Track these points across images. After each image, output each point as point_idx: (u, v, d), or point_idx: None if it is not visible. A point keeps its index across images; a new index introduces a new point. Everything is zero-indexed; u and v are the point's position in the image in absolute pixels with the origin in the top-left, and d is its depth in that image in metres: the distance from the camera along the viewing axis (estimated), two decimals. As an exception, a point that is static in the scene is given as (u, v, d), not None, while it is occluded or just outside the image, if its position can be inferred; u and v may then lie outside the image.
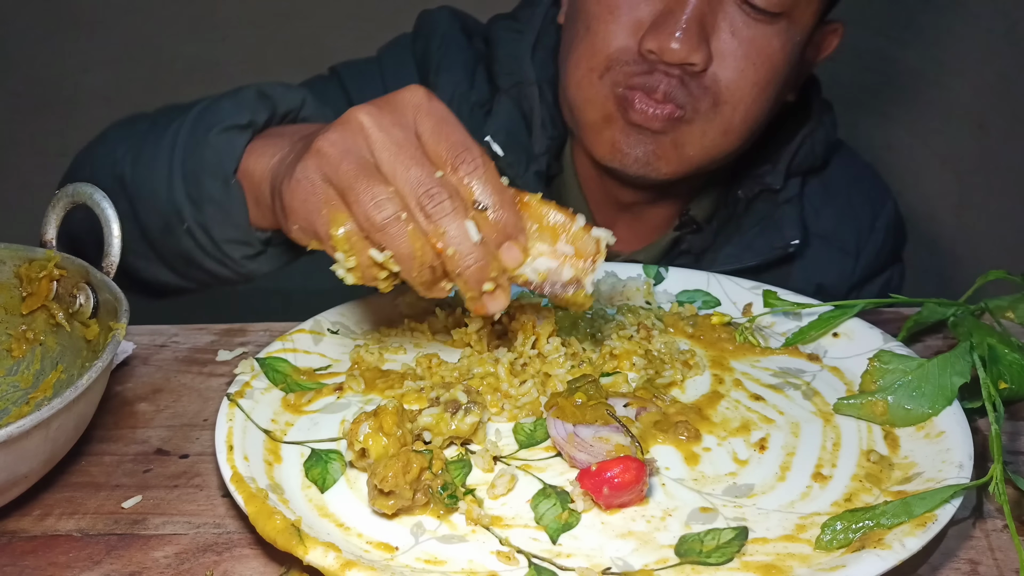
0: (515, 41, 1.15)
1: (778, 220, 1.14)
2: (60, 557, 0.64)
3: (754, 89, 1.00)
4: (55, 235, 0.81)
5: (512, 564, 0.61)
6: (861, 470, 0.70)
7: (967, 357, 0.75)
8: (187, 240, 0.90)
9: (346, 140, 0.69)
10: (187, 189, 0.88)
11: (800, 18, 1.00)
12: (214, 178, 0.85)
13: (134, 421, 0.80)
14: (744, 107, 1.00)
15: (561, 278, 0.72)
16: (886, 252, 1.25)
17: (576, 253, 0.71)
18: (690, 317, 0.90)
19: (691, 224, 1.16)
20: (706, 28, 0.97)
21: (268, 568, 0.63)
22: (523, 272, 0.71)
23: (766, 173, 1.14)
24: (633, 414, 0.75)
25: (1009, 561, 0.63)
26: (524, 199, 0.72)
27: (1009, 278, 0.90)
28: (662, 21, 0.96)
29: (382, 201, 0.67)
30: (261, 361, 0.81)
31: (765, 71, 0.99)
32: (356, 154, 0.68)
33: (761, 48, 0.98)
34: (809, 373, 0.83)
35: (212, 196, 0.86)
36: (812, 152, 1.16)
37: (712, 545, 0.62)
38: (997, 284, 0.90)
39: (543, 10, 1.17)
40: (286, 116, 0.91)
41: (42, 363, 0.80)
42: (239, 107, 0.87)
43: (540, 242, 0.71)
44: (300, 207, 0.70)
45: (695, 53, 0.96)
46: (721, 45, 0.98)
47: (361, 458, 0.68)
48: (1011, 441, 0.76)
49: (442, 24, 1.18)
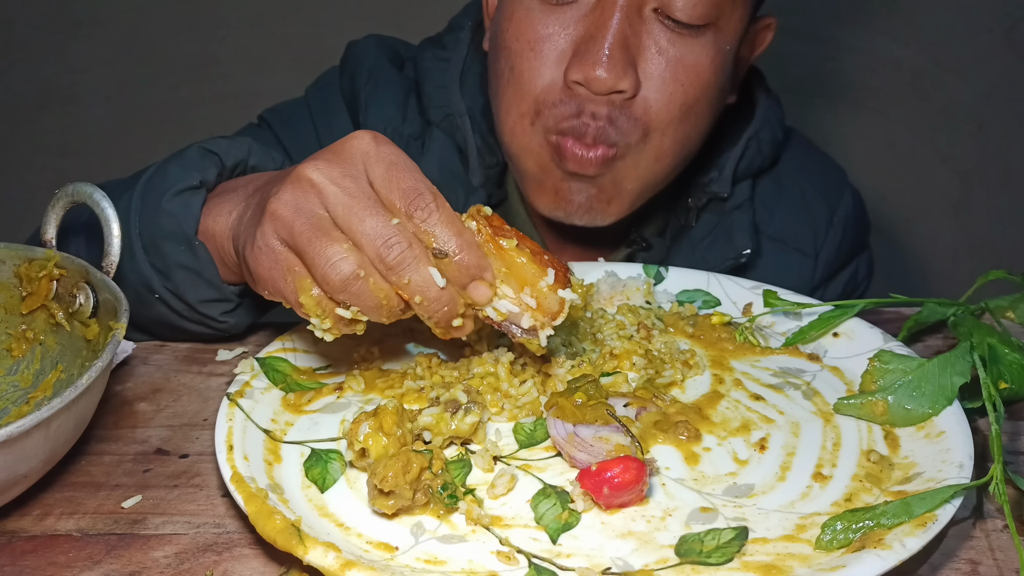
0: (442, 71, 1.11)
1: (728, 229, 1.11)
2: (60, 557, 0.64)
3: (682, 109, 0.96)
4: (55, 235, 0.81)
5: (512, 564, 0.61)
6: (861, 470, 0.70)
7: (967, 357, 0.75)
8: (161, 308, 0.88)
9: (298, 199, 0.68)
10: (151, 260, 0.85)
11: (726, 26, 0.96)
12: (177, 243, 0.83)
13: (134, 421, 0.80)
14: (673, 130, 0.97)
15: (520, 323, 0.73)
16: (847, 247, 1.21)
17: (538, 306, 0.73)
18: (690, 317, 0.90)
19: (641, 242, 1.13)
20: (631, 51, 0.92)
21: (268, 568, 0.63)
22: (485, 309, 0.73)
23: (712, 181, 1.11)
24: (633, 414, 0.75)
25: (1009, 561, 0.63)
26: (500, 244, 0.72)
27: (1009, 278, 0.90)
28: (585, 49, 0.92)
29: (337, 262, 0.67)
30: (261, 361, 0.81)
31: (695, 89, 0.95)
32: (309, 212, 0.68)
33: (689, 66, 0.94)
34: (809, 373, 0.83)
35: (179, 262, 0.84)
36: (759, 153, 1.13)
37: (712, 545, 0.62)
38: (997, 284, 0.90)
39: (467, 35, 1.13)
40: (235, 168, 0.89)
41: (42, 363, 0.80)
42: (186, 168, 0.85)
43: (506, 285, 0.73)
44: (266, 275, 0.71)
45: (622, 80, 0.92)
46: (648, 66, 0.94)
47: (361, 458, 0.68)
48: (1011, 441, 0.76)
49: (367, 57, 1.15)
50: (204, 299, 0.86)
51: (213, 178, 0.86)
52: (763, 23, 1.07)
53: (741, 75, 1.10)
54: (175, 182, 0.84)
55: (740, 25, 0.98)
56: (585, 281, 0.92)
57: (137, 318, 0.90)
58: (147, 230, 0.85)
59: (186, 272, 0.84)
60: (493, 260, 0.72)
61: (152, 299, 0.87)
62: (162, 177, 0.86)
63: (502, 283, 0.72)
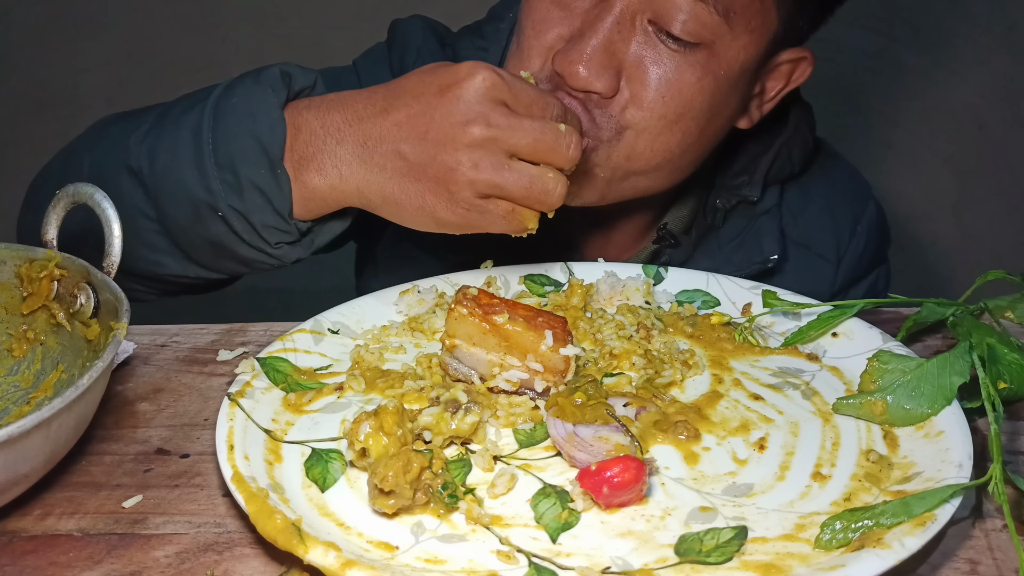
0: (480, 59, 1.13)
1: (757, 233, 1.12)
2: (61, 557, 0.64)
3: (661, 121, 0.95)
4: (55, 235, 0.81)
5: (512, 563, 0.61)
6: (860, 470, 0.70)
7: (966, 357, 0.75)
8: (219, 226, 0.90)
9: (488, 155, 0.81)
10: (222, 176, 0.88)
11: (723, 52, 0.95)
12: (258, 165, 0.86)
13: (135, 421, 0.80)
14: (649, 135, 0.96)
15: (533, 387, 0.77)
16: (868, 256, 1.23)
17: (545, 369, 0.76)
18: (689, 317, 0.90)
19: (669, 238, 1.13)
20: (616, 55, 0.93)
21: (268, 567, 0.63)
22: (497, 383, 0.77)
23: (743, 184, 1.12)
24: (633, 414, 0.75)
25: (1009, 561, 0.63)
26: (494, 321, 0.75)
27: (1009, 278, 0.90)
28: (572, 44, 0.93)
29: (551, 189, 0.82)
30: (262, 361, 0.81)
31: (676, 104, 0.94)
32: (495, 164, 0.80)
33: (671, 81, 0.94)
34: (808, 373, 0.83)
35: (255, 183, 0.87)
36: (789, 160, 1.14)
37: (712, 544, 0.62)
38: (996, 284, 0.90)
39: (508, 25, 1.14)
40: (300, 93, 0.92)
41: (43, 363, 0.80)
42: (267, 89, 0.89)
43: (510, 356, 0.76)
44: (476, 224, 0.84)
45: (598, 81, 0.92)
46: (631, 72, 0.94)
47: (361, 457, 0.68)
48: (1010, 441, 0.76)
49: (416, 37, 1.17)
50: (268, 224, 0.89)
51: (284, 99, 0.89)
52: (793, 55, 1.04)
53: (766, 106, 1.08)
54: (259, 101, 0.88)
55: (744, 54, 0.96)
56: (585, 281, 0.92)
57: (189, 239, 0.93)
58: (224, 146, 0.88)
59: (260, 195, 0.87)
60: (491, 338, 0.76)
61: (213, 217, 0.89)
62: (243, 96, 0.89)
63: (506, 356, 0.76)
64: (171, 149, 0.91)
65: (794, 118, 1.15)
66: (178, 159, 0.90)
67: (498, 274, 0.96)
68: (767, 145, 1.13)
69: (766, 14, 0.96)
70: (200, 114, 0.90)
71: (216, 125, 0.89)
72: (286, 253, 0.93)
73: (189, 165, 0.89)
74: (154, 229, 0.93)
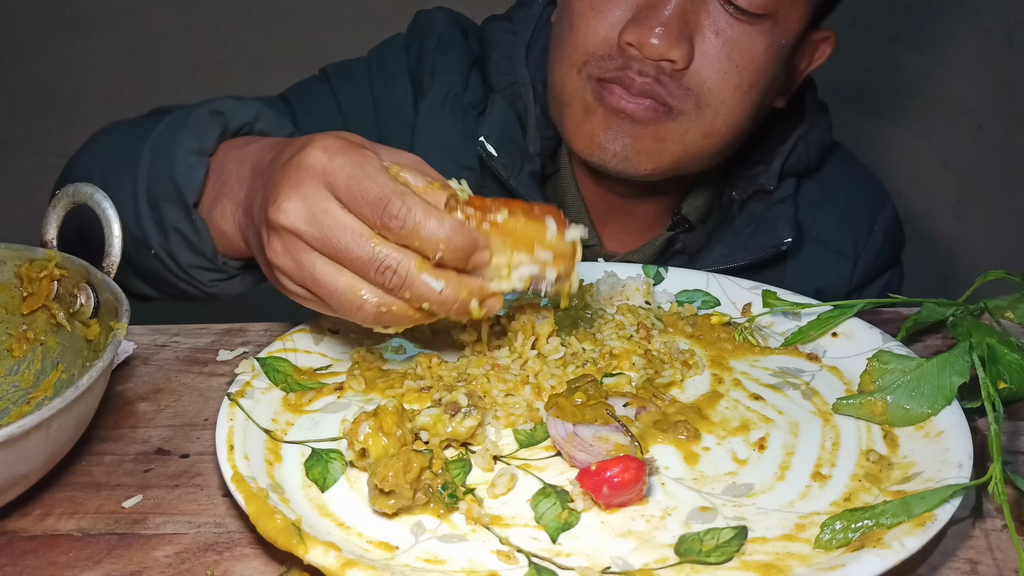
0: (509, 42, 1.15)
1: (772, 219, 1.13)
2: (61, 557, 0.64)
3: (737, 92, 0.98)
4: (55, 235, 0.81)
5: (512, 563, 0.61)
6: (860, 470, 0.70)
7: (966, 357, 0.75)
8: (155, 263, 0.91)
9: (288, 248, 0.70)
10: (152, 216, 0.88)
11: (785, 21, 0.98)
12: (177, 209, 0.86)
13: (135, 421, 0.80)
14: (727, 110, 0.99)
15: (547, 279, 0.74)
16: (884, 256, 1.25)
17: (554, 257, 0.73)
18: (689, 317, 0.90)
19: (684, 223, 1.16)
20: (689, 25, 0.95)
21: (268, 567, 0.63)
22: (511, 284, 0.73)
23: (760, 174, 1.14)
24: (633, 414, 0.75)
25: (1008, 561, 0.63)
26: (495, 220, 0.72)
27: (1009, 278, 0.90)
28: (644, 15, 0.95)
29: (360, 308, 0.69)
30: (262, 361, 0.81)
31: (748, 73, 0.98)
32: (307, 264, 0.69)
33: (744, 49, 0.97)
34: (808, 373, 0.83)
35: (175, 226, 0.87)
36: (806, 153, 1.16)
37: (712, 544, 0.62)
38: (996, 284, 0.90)
39: (537, 10, 1.16)
40: (239, 131, 0.90)
41: (43, 363, 0.80)
42: (192, 131, 0.87)
43: (518, 253, 0.72)
44: (297, 302, 0.74)
45: (674, 49, 0.94)
46: (704, 45, 0.96)
47: (361, 458, 0.68)
48: (1010, 441, 0.76)
49: (439, 25, 1.18)
50: (195, 265, 0.89)
51: (213, 143, 0.87)
52: (821, 35, 1.08)
53: (794, 85, 1.11)
54: (181, 143, 0.87)
55: (798, 25, 1.00)
56: (585, 281, 0.92)
57: (136, 266, 0.94)
58: (152, 187, 0.88)
59: (181, 237, 0.87)
60: (496, 237, 0.71)
61: (148, 253, 0.90)
62: (170, 136, 0.89)
63: (514, 253, 0.72)
64: (117, 181, 0.90)
65: (810, 111, 1.16)
66: (121, 192, 0.88)
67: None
68: (784, 136, 1.14)
69: None
70: (141, 150, 0.89)
71: (152, 163, 0.89)
72: (222, 289, 0.93)
73: (129, 200, 0.89)
74: None
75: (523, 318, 0.82)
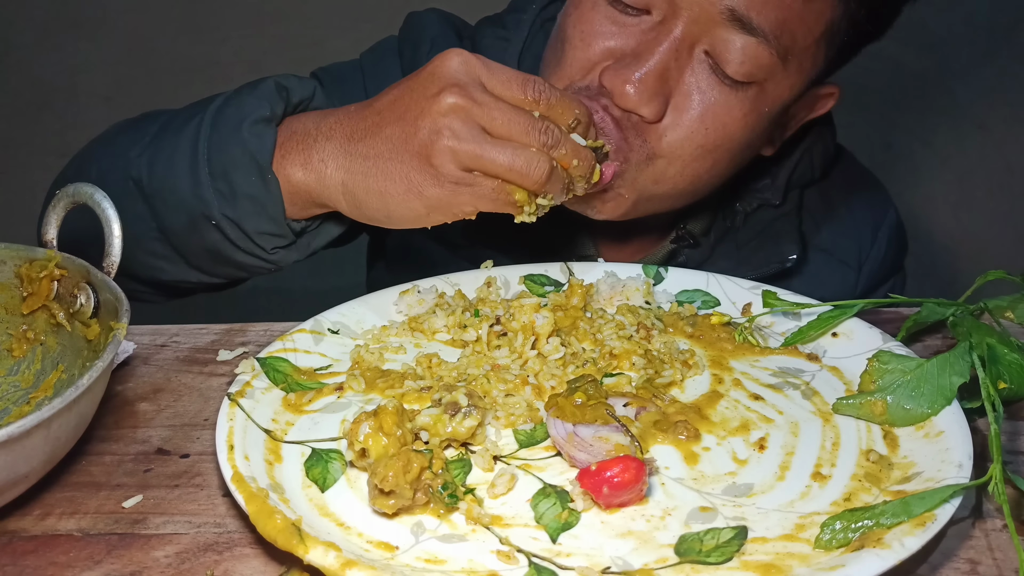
0: (502, 49, 1.13)
1: (776, 234, 1.12)
2: (60, 557, 0.64)
3: (698, 151, 0.95)
4: (55, 235, 0.81)
5: (512, 563, 0.61)
6: (860, 470, 0.70)
7: (966, 357, 0.75)
8: (215, 235, 0.92)
9: (456, 133, 0.79)
10: (216, 185, 0.90)
11: (772, 89, 0.95)
12: (248, 174, 0.88)
13: (135, 421, 0.80)
14: (681, 164, 0.96)
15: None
16: (888, 263, 1.24)
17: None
18: (689, 317, 0.90)
19: (687, 239, 1.14)
20: (668, 83, 0.92)
21: (268, 568, 0.63)
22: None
23: (765, 188, 1.13)
24: (633, 414, 0.75)
25: (1009, 561, 0.63)
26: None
27: (1009, 278, 0.90)
28: (626, 63, 0.92)
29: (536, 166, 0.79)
30: (262, 361, 0.81)
31: (716, 136, 0.95)
32: (474, 137, 0.79)
33: (719, 114, 0.93)
34: (808, 373, 0.83)
35: (247, 192, 0.89)
36: (811, 165, 1.15)
37: (712, 544, 0.62)
38: (996, 284, 0.90)
39: (531, 17, 1.14)
40: (298, 106, 0.94)
41: (43, 363, 0.80)
42: (261, 100, 0.90)
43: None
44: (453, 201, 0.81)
45: (645, 106, 0.91)
46: (679, 100, 0.93)
47: (361, 458, 0.68)
48: (1010, 441, 0.76)
49: (432, 28, 1.17)
50: (263, 231, 0.91)
51: (281, 112, 0.91)
52: (826, 90, 1.06)
53: (788, 133, 1.09)
54: (250, 112, 0.90)
55: (789, 93, 0.97)
56: (585, 281, 0.92)
57: (187, 247, 0.96)
58: (217, 156, 0.90)
59: (252, 202, 0.89)
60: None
61: (207, 225, 0.91)
62: (237, 106, 0.91)
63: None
64: (169, 158, 0.93)
65: (817, 124, 1.15)
66: (175, 168, 0.92)
67: (498, 274, 0.96)
68: (789, 151, 1.13)
69: (816, 56, 0.97)
70: (199, 124, 0.92)
71: (212, 135, 0.91)
72: (282, 257, 0.95)
73: (185, 174, 0.91)
74: (154, 236, 0.95)
75: (523, 318, 0.82)
